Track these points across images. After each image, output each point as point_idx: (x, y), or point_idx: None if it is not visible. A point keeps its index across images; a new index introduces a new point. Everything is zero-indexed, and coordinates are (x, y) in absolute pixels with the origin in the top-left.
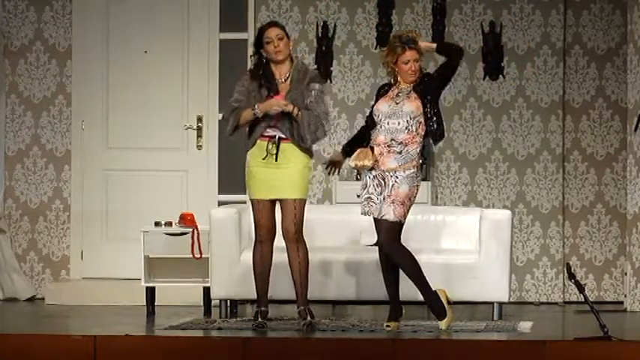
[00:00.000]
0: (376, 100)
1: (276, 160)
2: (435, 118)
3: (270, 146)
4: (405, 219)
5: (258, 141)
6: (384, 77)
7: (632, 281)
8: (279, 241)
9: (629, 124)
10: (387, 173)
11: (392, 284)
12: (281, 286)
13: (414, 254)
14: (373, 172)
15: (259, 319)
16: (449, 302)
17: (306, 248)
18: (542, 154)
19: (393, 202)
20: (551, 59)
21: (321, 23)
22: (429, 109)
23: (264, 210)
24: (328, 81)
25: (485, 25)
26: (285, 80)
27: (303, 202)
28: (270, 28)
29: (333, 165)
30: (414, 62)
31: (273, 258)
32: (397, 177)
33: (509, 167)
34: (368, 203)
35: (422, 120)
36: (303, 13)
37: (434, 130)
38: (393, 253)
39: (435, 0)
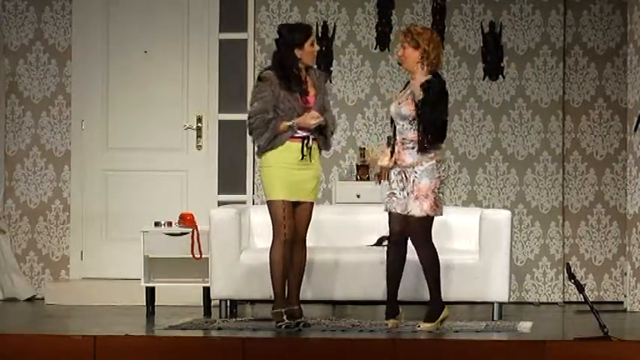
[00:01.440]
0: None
1: (310, 160)
2: (422, 125)
3: (305, 148)
4: (434, 212)
5: (288, 142)
6: (383, 77)
7: (631, 281)
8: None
9: (629, 124)
10: (407, 169)
11: (394, 281)
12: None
13: (407, 254)
14: (397, 169)
15: (286, 321)
16: (442, 320)
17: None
18: (542, 154)
19: (417, 198)
20: (551, 59)
21: (321, 23)
22: (420, 113)
23: (288, 210)
24: None
25: (485, 26)
26: (306, 81)
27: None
28: (311, 31)
29: (383, 174)
30: (402, 48)
31: None
32: (416, 172)
33: (509, 167)
34: (390, 199)
35: None
36: (303, 13)
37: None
38: (421, 249)
39: (435, 0)
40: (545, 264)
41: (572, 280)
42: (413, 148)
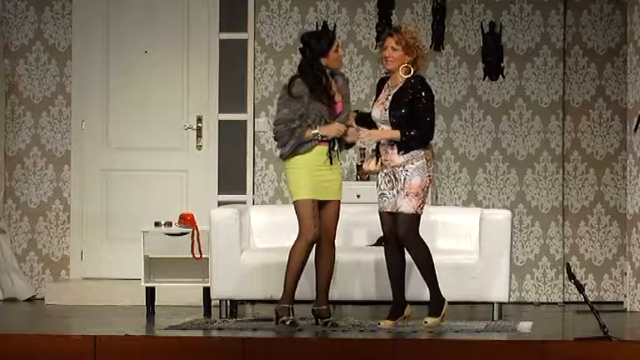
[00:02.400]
0: (376, 97)
1: (333, 161)
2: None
3: (333, 151)
4: (421, 210)
5: (318, 146)
6: None
7: (631, 281)
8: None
9: (629, 124)
10: (396, 169)
11: (398, 281)
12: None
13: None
14: (385, 170)
15: (291, 317)
16: (443, 315)
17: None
18: (542, 154)
19: (407, 195)
20: (551, 59)
21: (321, 23)
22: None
23: (315, 209)
24: None
25: (485, 26)
26: (331, 87)
27: None
28: (334, 37)
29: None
30: (391, 49)
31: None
32: (407, 170)
33: (509, 167)
34: (382, 199)
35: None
36: (303, 13)
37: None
38: (411, 246)
39: (435, 0)
40: (545, 264)
41: (572, 280)
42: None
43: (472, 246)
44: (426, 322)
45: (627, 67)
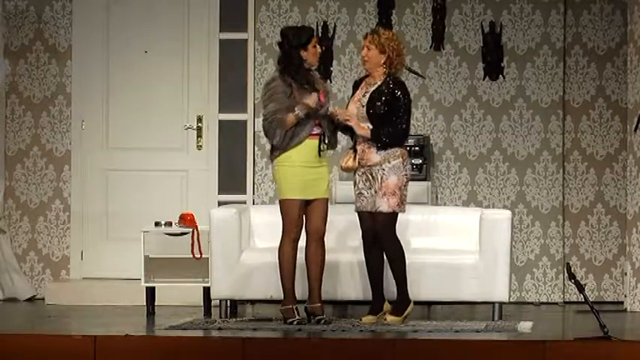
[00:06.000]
0: (352, 96)
1: (322, 158)
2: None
3: (322, 145)
4: (399, 209)
5: (308, 140)
6: None
7: (632, 281)
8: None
9: (629, 124)
10: (373, 168)
11: (378, 279)
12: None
13: (407, 253)
14: (361, 170)
15: (298, 317)
16: (407, 315)
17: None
18: (542, 154)
19: (385, 194)
20: (551, 59)
21: (321, 23)
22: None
23: (301, 209)
24: None
25: (485, 25)
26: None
27: None
28: (313, 32)
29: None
30: (366, 49)
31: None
32: (384, 169)
33: (509, 167)
34: (359, 198)
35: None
36: (303, 14)
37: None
38: (388, 244)
39: (435, 0)
40: (545, 264)
41: (573, 280)
42: (379, 147)
43: (472, 246)
44: (385, 319)
45: (627, 67)
